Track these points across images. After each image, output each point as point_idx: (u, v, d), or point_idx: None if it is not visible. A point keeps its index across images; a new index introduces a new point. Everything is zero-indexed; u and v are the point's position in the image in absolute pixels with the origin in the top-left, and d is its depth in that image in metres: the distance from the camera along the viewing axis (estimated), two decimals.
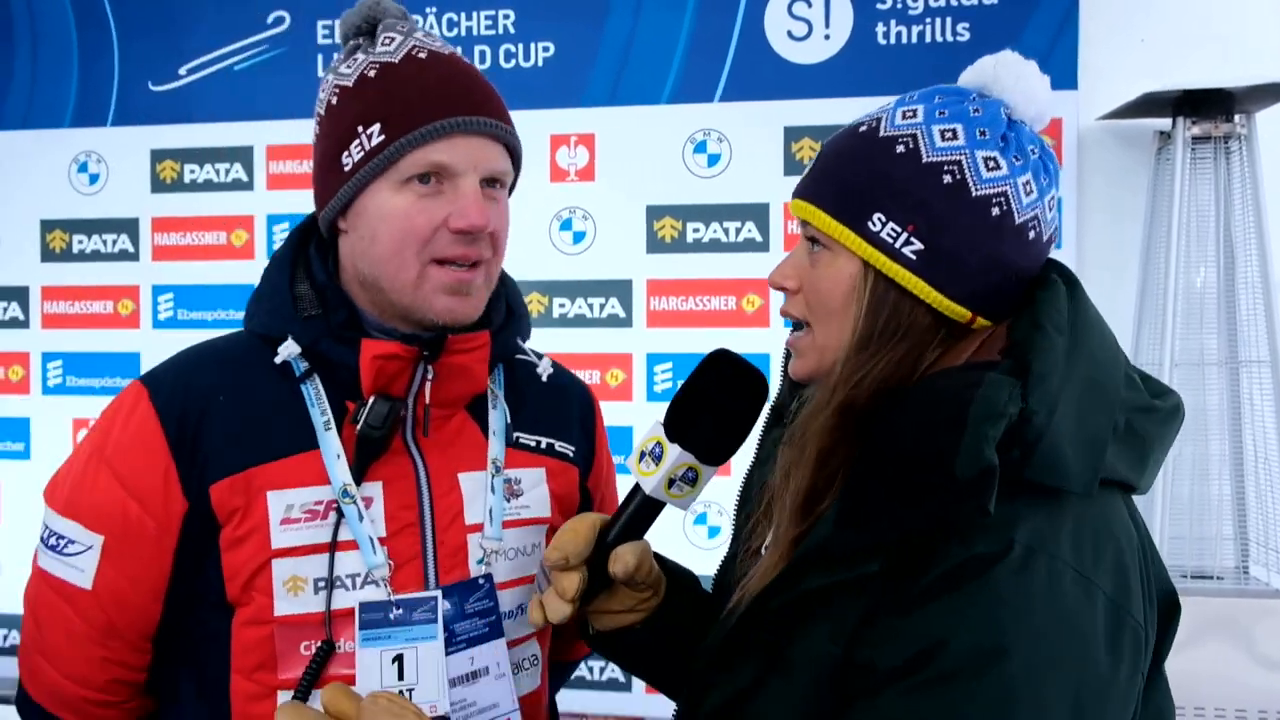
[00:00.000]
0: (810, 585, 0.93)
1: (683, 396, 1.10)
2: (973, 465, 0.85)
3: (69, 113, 3.24)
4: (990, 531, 0.88)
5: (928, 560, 0.89)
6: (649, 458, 1.09)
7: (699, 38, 2.95)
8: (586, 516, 1.13)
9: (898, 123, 1.01)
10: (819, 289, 1.03)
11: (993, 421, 0.86)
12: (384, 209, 1.16)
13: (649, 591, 1.17)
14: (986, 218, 0.97)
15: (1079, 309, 0.97)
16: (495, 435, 1.27)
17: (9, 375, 3.28)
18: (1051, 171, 1.04)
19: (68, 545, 1.18)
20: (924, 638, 0.86)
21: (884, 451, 0.93)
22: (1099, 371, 0.94)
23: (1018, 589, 0.86)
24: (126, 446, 1.17)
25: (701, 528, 2.95)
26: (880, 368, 0.98)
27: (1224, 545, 2.65)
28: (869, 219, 0.99)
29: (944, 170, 0.98)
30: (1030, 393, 0.88)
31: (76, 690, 1.20)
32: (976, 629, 0.85)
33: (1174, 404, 1.02)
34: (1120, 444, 0.95)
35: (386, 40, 1.19)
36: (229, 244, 3.16)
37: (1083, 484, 0.90)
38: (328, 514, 1.16)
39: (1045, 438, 0.88)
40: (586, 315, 3.02)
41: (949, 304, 0.98)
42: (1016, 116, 1.02)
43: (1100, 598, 0.89)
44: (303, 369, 1.20)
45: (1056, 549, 0.88)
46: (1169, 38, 2.79)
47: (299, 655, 1.15)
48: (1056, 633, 0.86)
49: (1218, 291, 2.69)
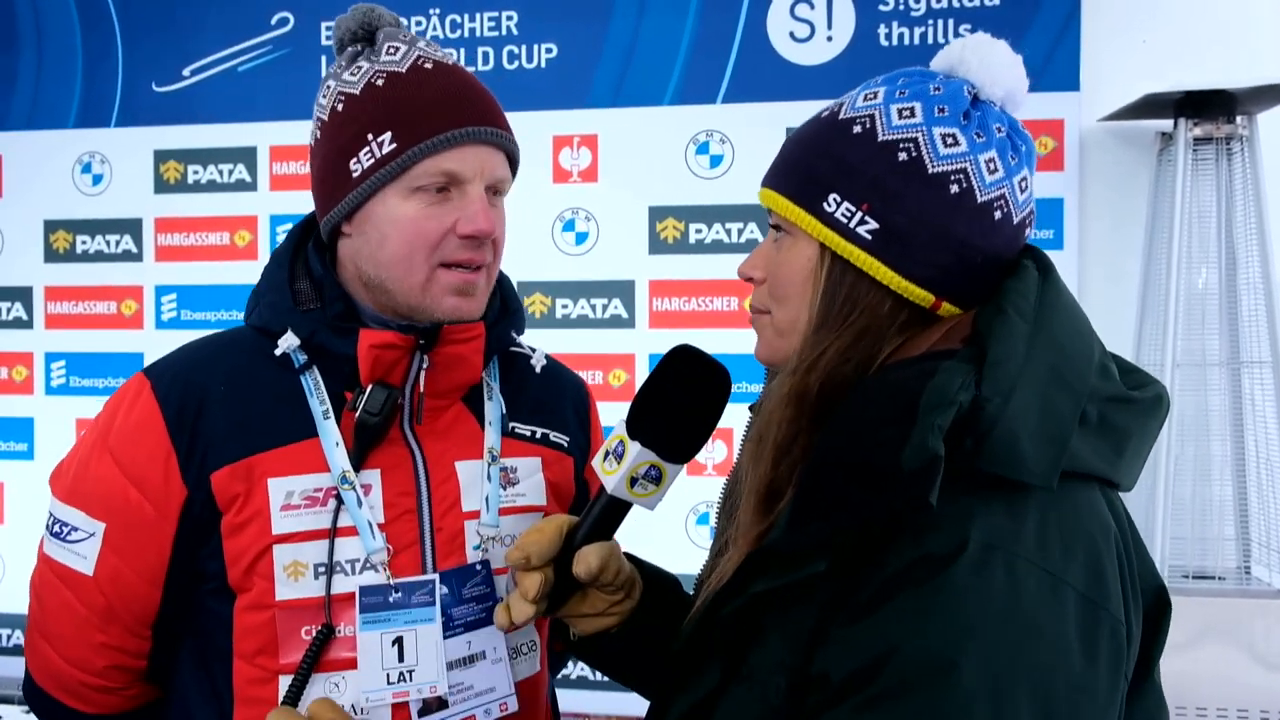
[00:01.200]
0: (758, 589, 0.89)
1: (643, 394, 1.08)
2: (918, 456, 0.81)
3: (73, 113, 3.25)
4: (943, 529, 0.83)
5: (879, 561, 0.84)
6: (612, 456, 1.08)
7: (702, 39, 2.96)
8: (554, 518, 1.14)
9: (859, 105, 1.00)
10: (780, 275, 1.02)
11: (941, 410, 0.82)
12: (394, 214, 1.20)
13: (620, 594, 1.16)
14: (944, 194, 0.95)
15: (1049, 295, 0.93)
16: (491, 425, 1.30)
17: (13, 375, 3.29)
18: (1023, 152, 1.00)
19: (71, 532, 1.21)
20: (874, 647, 0.82)
21: (834, 445, 0.90)
22: (1063, 360, 0.89)
23: (974, 590, 0.81)
24: (128, 435, 1.20)
25: (704, 528, 2.95)
26: (834, 351, 0.95)
27: (1226, 546, 2.65)
28: (824, 200, 0.97)
29: (899, 148, 0.96)
30: (984, 379, 0.85)
31: (76, 674, 1.22)
32: (929, 635, 0.80)
33: (1154, 395, 0.97)
34: (1091, 436, 0.90)
35: (391, 50, 1.22)
36: (232, 244, 3.17)
37: (1041, 476, 0.85)
38: (327, 500, 1.19)
39: (999, 426, 0.83)
40: (589, 316, 3.03)
41: (908, 285, 0.95)
42: (985, 97, 1.00)
43: (1070, 595, 0.84)
44: (302, 360, 1.23)
45: (1017, 545, 0.83)
46: (1171, 39, 2.79)
47: (299, 639, 1.17)
48: (1019, 635, 0.81)
49: (1219, 292, 2.69)
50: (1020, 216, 0.99)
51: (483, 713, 1.23)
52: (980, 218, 0.96)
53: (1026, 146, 1.01)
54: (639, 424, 1.07)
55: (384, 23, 1.25)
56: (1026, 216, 1.01)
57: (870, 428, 0.88)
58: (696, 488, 2.69)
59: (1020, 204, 0.99)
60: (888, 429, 0.85)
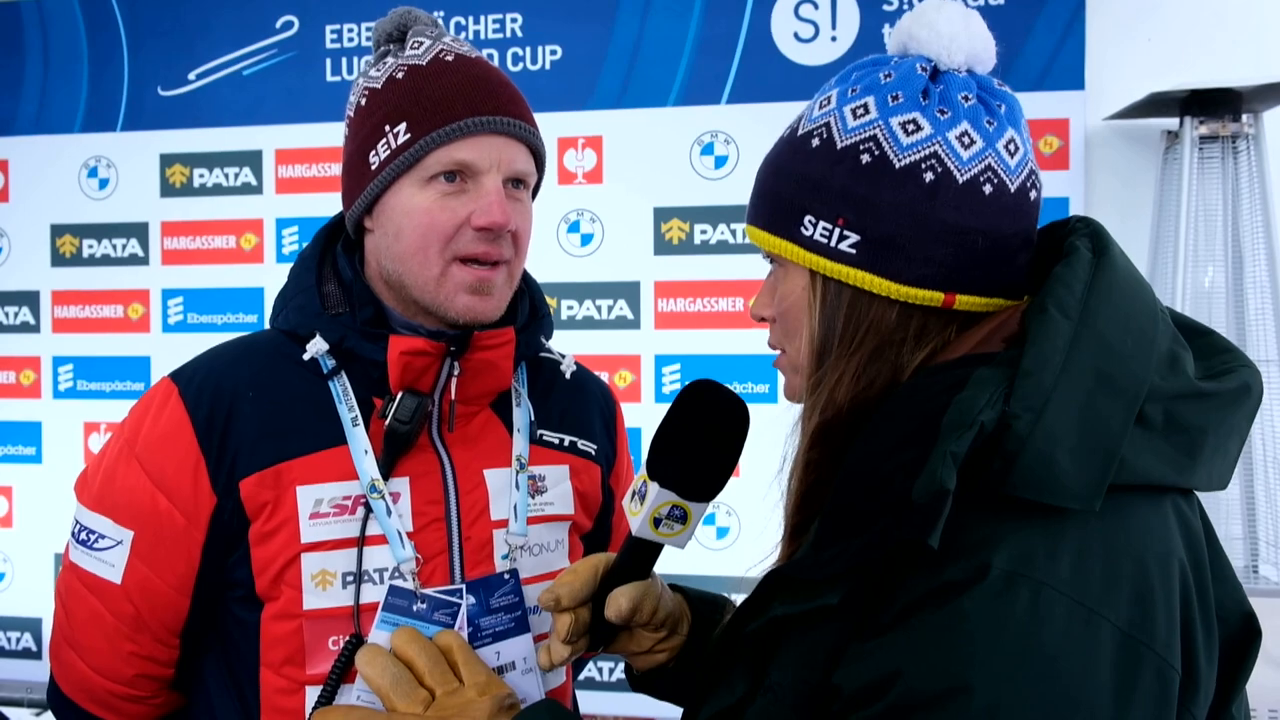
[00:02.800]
0: (777, 613, 0.86)
1: (662, 433, 1.05)
2: (926, 489, 0.75)
3: (79, 118, 3.26)
4: (964, 555, 0.77)
5: (899, 585, 0.79)
6: (636, 497, 1.05)
7: (706, 40, 2.96)
8: (591, 558, 1.12)
9: (814, 116, 0.95)
10: (783, 310, 0.98)
11: (959, 435, 0.76)
12: (408, 205, 1.18)
13: (664, 631, 1.12)
14: (918, 186, 0.88)
15: (1100, 283, 0.84)
16: (519, 432, 1.28)
17: (20, 380, 3.30)
18: (1002, 113, 0.92)
19: (98, 540, 1.19)
20: (884, 665, 0.78)
21: (855, 471, 0.85)
22: (1112, 360, 0.81)
23: (989, 617, 0.75)
24: (156, 442, 1.18)
25: (710, 528, 2.95)
26: (850, 378, 0.90)
27: (1233, 545, 2.64)
28: (800, 224, 0.92)
29: (860, 150, 0.90)
30: (1014, 393, 0.78)
31: (104, 683, 1.21)
32: (935, 661, 0.76)
33: (1240, 384, 0.88)
34: (1155, 439, 0.82)
35: (415, 45, 1.22)
36: (238, 247, 3.18)
37: (1081, 498, 0.78)
38: (356, 509, 1.17)
39: (1029, 446, 0.77)
40: (595, 317, 3.03)
41: (909, 290, 0.89)
42: (945, 67, 0.93)
43: (1106, 630, 0.76)
44: (330, 366, 1.21)
45: (1050, 574, 0.76)
46: (1176, 37, 2.79)
47: (327, 649, 1.16)
48: (1036, 669, 0.74)
49: (1226, 291, 2.69)
50: (1018, 182, 0.91)
51: None
52: (966, 198, 0.89)
53: (1006, 105, 0.93)
54: (659, 465, 1.03)
55: (418, 21, 1.25)
56: (1026, 180, 0.92)
57: (890, 449, 0.83)
58: None
59: (1013, 169, 0.91)
60: (907, 450, 0.80)
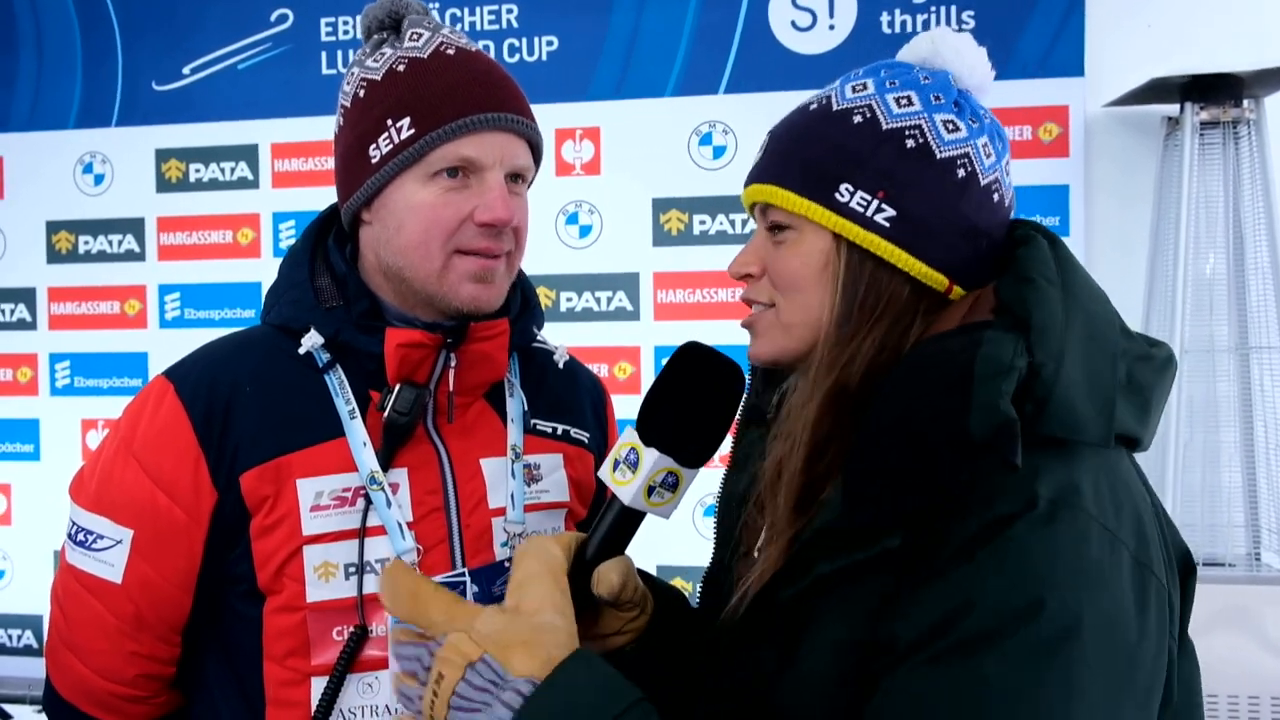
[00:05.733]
0: (823, 570, 0.88)
1: (655, 396, 1.00)
2: (988, 422, 0.82)
3: (73, 114, 3.24)
4: (1010, 490, 0.84)
5: (949, 529, 0.84)
6: (624, 465, 0.99)
7: (703, 30, 2.95)
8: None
9: (849, 96, 1.00)
10: (784, 270, 1.00)
11: (1005, 376, 0.84)
12: (411, 201, 1.18)
13: (635, 610, 1.09)
14: (954, 179, 0.97)
15: (1065, 262, 0.94)
16: (514, 422, 1.29)
17: (17, 377, 3.29)
18: (1004, 138, 1.04)
19: (96, 540, 1.19)
20: (949, 601, 0.82)
21: (888, 424, 0.89)
22: (1094, 323, 0.91)
23: (1044, 543, 0.82)
24: (154, 440, 1.18)
25: (711, 519, 2.94)
26: (868, 346, 0.96)
27: (1235, 533, 2.64)
28: (836, 190, 0.97)
29: (906, 135, 0.97)
30: (1035, 345, 0.86)
31: (105, 685, 1.21)
32: (1004, 586, 0.81)
33: (1167, 354, 0.99)
34: (1124, 395, 0.92)
35: (414, 36, 1.21)
36: (235, 242, 3.16)
37: (1100, 435, 0.88)
38: (356, 500, 1.18)
39: (1057, 389, 0.85)
40: (594, 309, 3.02)
41: (928, 271, 0.96)
42: (961, 87, 1.02)
43: (1125, 554, 0.85)
44: (325, 359, 1.22)
45: (1080, 501, 0.84)
46: (1176, 23, 2.77)
47: (331, 640, 1.17)
48: (1088, 585, 0.82)
49: (1227, 278, 2.68)
50: (1009, 197, 1.03)
51: None
52: (985, 200, 0.99)
53: (1001, 135, 1.05)
54: (654, 429, 0.98)
55: (411, 10, 1.24)
56: (1011, 199, 1.04)
57: (925, 400, 0.87)
58: (705, 479, 2.67)
59: (1008, 186, 1.03)
60: (945, 399, 0.85)
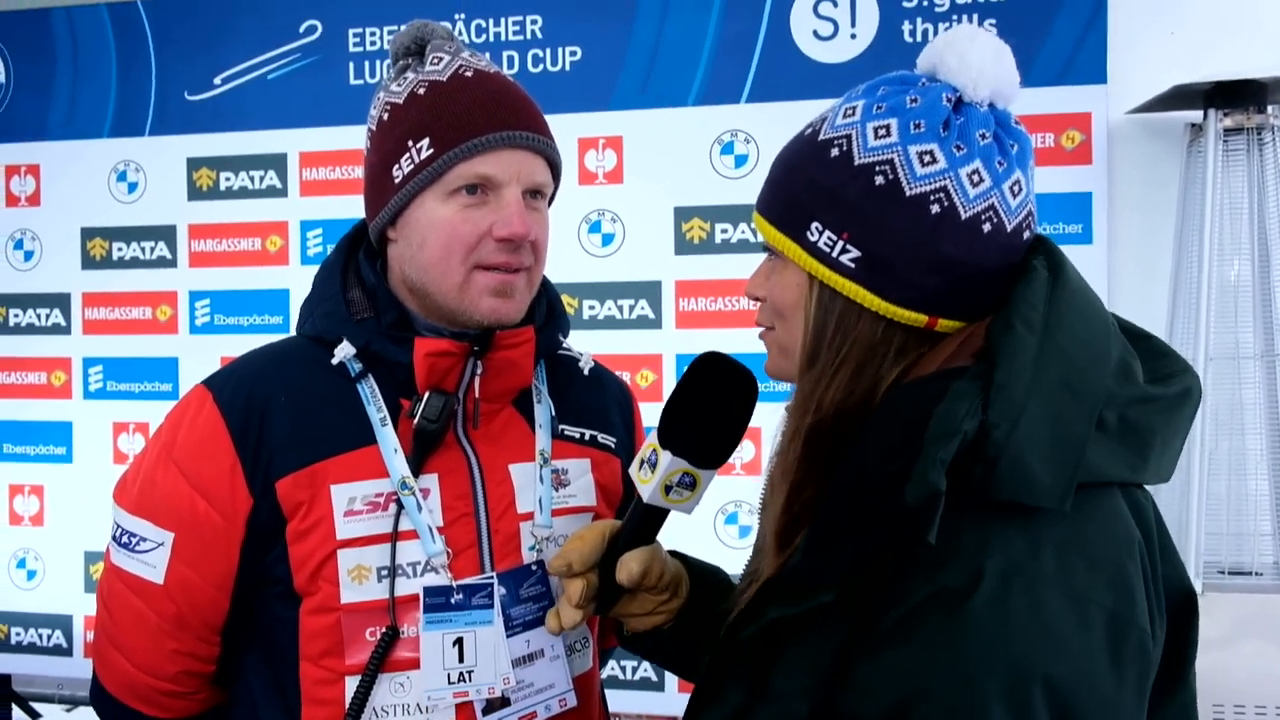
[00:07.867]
0: (774, 615, 0.91)
1: (672, 402, 1.11)
2: (920, 492, 0.80)
3: (108, 123, 3.31)
4: (958, 560, 0.82)
5: (894, 595, 0.84)
6: (646, 465, 1.10)
7: (725, 39, 2.96)
8: (597, 525, 1.18)
9: (838, 123, 0.98)
10: (775, 297, 1.03)
11: (947, 441, 0.82)
12: (432, 218, 1.23)
13: (667, 594, 1.19)
14: (923, 217, 0.92)
15: (1058, 298, 0.90)
16: (541, 428, 1.33)
17: (51, 380, 3.35)
18: (1014, 153, 0.96)
19: (140, 542, 1.24)
20: (898, 688, 0.82)
21: (850, 475, 0.90)
22: (1073, 371, 0.87)
23: (995, 620, 0.80)
24: (193, 447, 1.23)
25: (733, 527, 2.95)
26: (836, 386, 0.95)
27: (1262, 541, 2.61)
28: (807, 229, 0.96)
29: (875, 171, 0.94)
30: (991, 404, 0.83)
31: (148, 681, 1.26)
32: (954, 673, 0.80)
33: (1182, 389, 0.95)
34: (1111, 441, 0.89)
35: (435, 60, 1.26)
36: (264, 250, 3.21)
37: (1055, 497, 0.84)
38: (388, 505, 1.22)
39: (1007, 452, 0.83)
40: (616, 317, 3.04)
41: (897, 310, 0.94)
42: (968, 99, 0.96)
43: (1097, 613, 0.83)
44: (357, 369, 1.26)
45: (1038, 569, 0.82)
46: (1199, 29, 2.76)
47: (364, 641, 1.21)
48: (1045, 650, 0.80)
49: (1252, 284, 2.66)
50: (1015, 222, 0.96)
51: (543, 709, 1.26)
52: (966, 234, 0.93)
53: (1020, 146, 0.97)
54: (670, 433, 1.09)
55: (435, 35, 1.29)
56: (1023, 220, 0.97)
57: (878, 460, 0.88)
58: (726, 487, 2.69)
59: (1013, 210, 0.96)
60: (895, 461, 0.84)
